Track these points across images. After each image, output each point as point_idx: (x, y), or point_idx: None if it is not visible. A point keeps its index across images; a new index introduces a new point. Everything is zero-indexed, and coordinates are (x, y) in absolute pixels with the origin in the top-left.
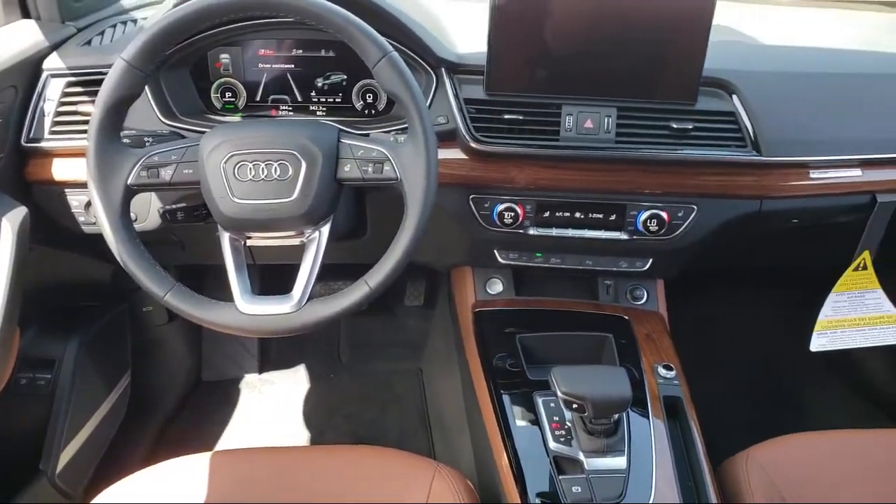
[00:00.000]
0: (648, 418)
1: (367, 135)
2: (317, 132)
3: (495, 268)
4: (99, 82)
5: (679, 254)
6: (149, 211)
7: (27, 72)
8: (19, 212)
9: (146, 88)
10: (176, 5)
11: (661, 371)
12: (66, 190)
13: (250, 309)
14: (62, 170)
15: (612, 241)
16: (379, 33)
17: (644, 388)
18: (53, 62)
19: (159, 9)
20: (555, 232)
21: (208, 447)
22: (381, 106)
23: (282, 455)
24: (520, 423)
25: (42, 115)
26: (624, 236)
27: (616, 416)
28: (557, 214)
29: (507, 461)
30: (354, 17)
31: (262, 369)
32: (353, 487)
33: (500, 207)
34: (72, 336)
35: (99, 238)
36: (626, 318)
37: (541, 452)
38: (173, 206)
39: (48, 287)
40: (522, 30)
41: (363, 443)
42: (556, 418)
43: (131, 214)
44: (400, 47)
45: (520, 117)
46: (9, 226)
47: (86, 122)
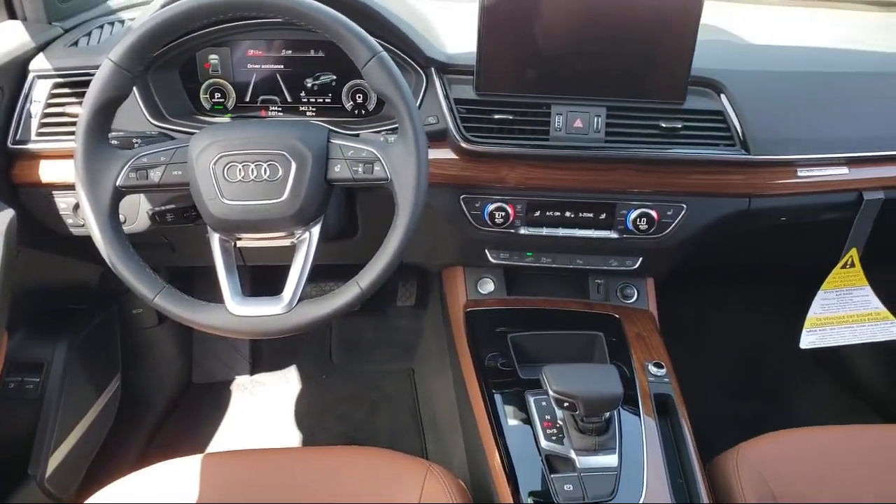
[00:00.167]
0: (639, 416)
1: (357, 135)
2: (306, 132)
3: (486, 267)
4: (86, 83)
5: (669, 252)
6: (138, 213)
7: (13, 73)
8: (6, 214)
9: (134, 89)
10: (164, 6)
11: (652, 369)
12: (54, 192)
13: (241, 310)
14: (49, 172)
15: (603, 240)
16: (368, 33)
17: (635, 385)
18: (40, 63)
19: (147, 9)
20: (545, 231)
21: (199, 449)
22: (371, 106)
23: (273, 456)
24: (512, 422)
25: (29, 116)
26: (614, 235)
27: (607, 414)
28: (548, 214)
29: (500, 460)
30: (344, 18)
31: (253, 371)
32: (344, 488)
33: (491, 207)
34: (60, 339)
35: (87, 240)
36: (616, 316)
37: (533, 451)
38: (162, 208)
39: (36, 290)
40: (512, 30)
41: (355, 443)
42: (548, 417)
43: (120, 216)
44: (389, 47)
45: (510, 117)
46: None
47: (73, 124)
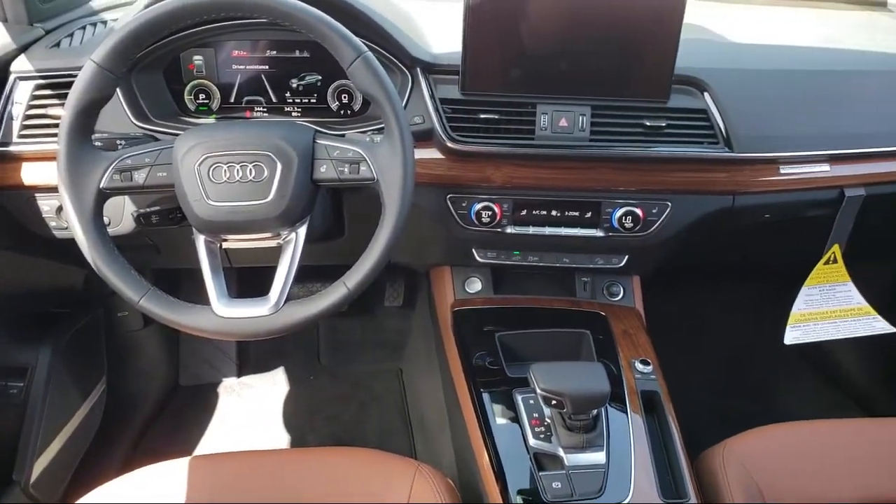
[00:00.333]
0: (626, 413)
1: (343, 135)
2: (292, 133)
3: (474, 267)
4: (69, 85)
5: (654, 250)
6: (122, 215)
7: None
8: None
9: (118, 91)
10: (147, 6)
11: (639, 366)
12: (37, 194)
13: (227, 312)
14: (32, 174)
15: (589, 238)
16: (353, 34)
17: (622, 383)
18: (21, 65)
19: (130, 10)
20: (532, 230)
21: (187, 453)
22: (356, 106)
23: (261, 458)
24: (500, 420)
25: (10, 118)
26: (600, 233)
27: (595, 412)
28: (534, 213)
29: (488, 459)
30: (328, 18)
31: (240, 373)
32: (333, 489)
33: (478, 206)
34: (44, 343)
35: (71, 243)
36: (603, 314)
37: (521, 449)
38: (147, 210)
39: (19, 293)
40: (497, 30)
41: (344, 444)
42: (536, 415)
43: (104, 218)
44: (374, 47)
45: (495, 117)
46: None
47: (56, 126)
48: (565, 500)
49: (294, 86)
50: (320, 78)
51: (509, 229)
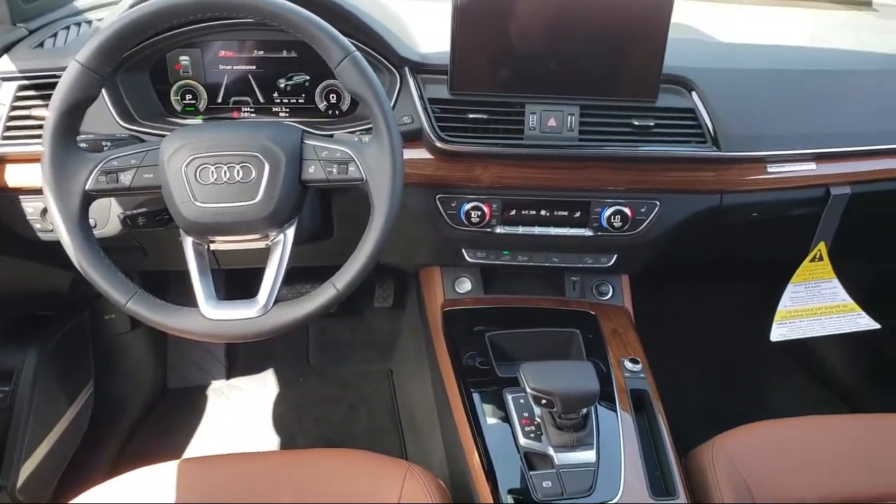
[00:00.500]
0: (616, 411)
1: (331, 135)
2: (279, 133)
3: (463, 267)
4: (53, 86)
5: (643, 249)
6: (108, 217)
7: None
8: None
9: (103, 91)
10: (132, 6)
11: (628, 365)
12: (21, 197)
13: (215, 314)
14: (16, 176)
15: (578, 237)
16: (341, 33)
17: (611, 381)
18: (4, 65)
19: (114, 10)
20: (521, 230)
21: (175, 456)
22: (344, 106)
23: (251, 460)
24: (490, 420)
25: None
26: (589, 233)
27: (584, 411)
28: (523, 213)
29: (479, 459)
30: (316, 18)
31: (229, 375)
32: (324, 490)
33: (467, 206)
34: (30, 346)
35: (57, 245)
36: (592, 313)
37: (511, 449)
38: (134, 212)
39: (4, 296)
40: (485, 30)
41: (334, 445)
42: (526, 414)
43: (90, 221)
44: (362, 47)
45: (484, 116)
46: None
47: (40, 127)
48: (556, 499)
49: (282, 86)
50: (308, 78)
51: (499, 229)
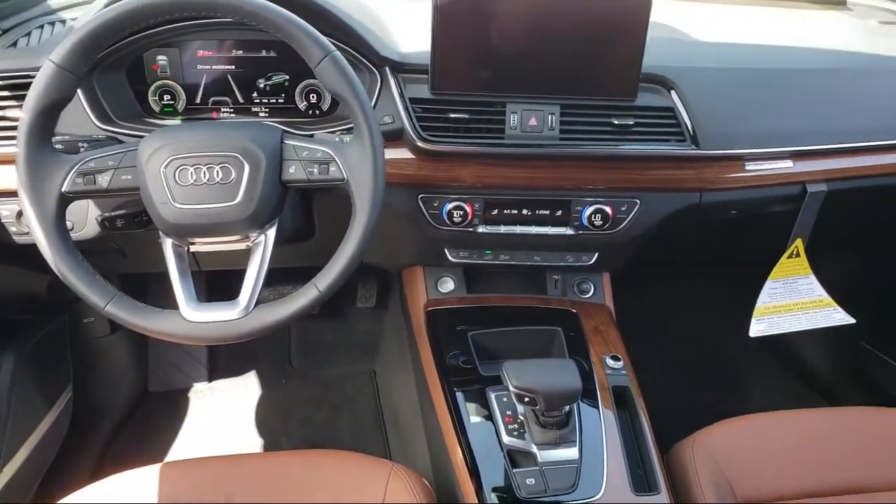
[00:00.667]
0: (598, 408)
1: (312, 135)
2: (259, 133)
3: (446, 266)
4: (27, 86)
5: (623, 247)
6: (86, 219)
7: None
8: None
9: (79, 92)
10: (107, 5)
11: (609, 362)
12: None
13: (196, 316)
14: None
15: (559, 236)
16: (320, 33)
17: (593, 378)
18: None
19: (88, 9)
20: (503, 229)
21: (157, 460)
22: (325, 106)
23: (234, 463)
24: (474, 419)
25: None
26: (570, 231)
27: (567, 408)
28: (505, 212)
29: (462, 457)
30: (295, 17)
31: (211, 377)
32: (308, 492)
33: (449, 206)
34: (7, 350)
35: (33, 249)
36: (574, 311)
37: (495, 447)
38: (112, 214)
39: None
40: (465, 30)
41: (317, 447)
42: (509, 412)
43: (67, 223)
44: (342, 46)
45: (465, 116)
46: None
47: (14, 128)
48: (539, 496)
49: (261, 86)
50: (288, 78)
51: (481, 228)
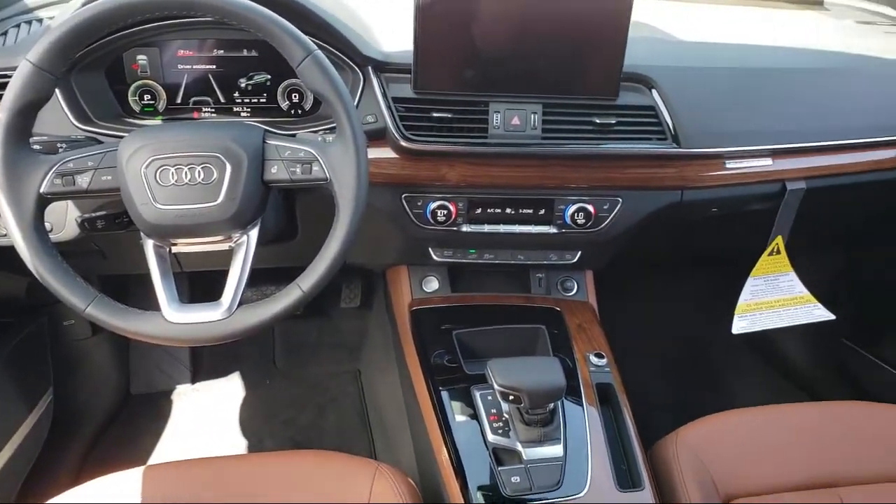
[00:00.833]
0: (582, 406)
1: (294, 135)
2: (241, 133)
3: (430, 266)
4: (3, 86)
5: (606, 245)
6: (65, 220)
7: None
8: None
9: (57, 92)
10: (84, 4)
11: (593, 359)
12: None
13: (178, 318)
14: None
15: (542, 235)
16: (302, 32)
17: (577, 376)
18: None
19: (66, 8)
20: (487, 228)
21: (140, 462)
22: (307, 105)
23: (218, 465)
24: (459, 417)
25: None
26: (553, 230)
27: (551, 406)
28: (489, 211)
29: (447, 456)
30: (276, 17)
31: (194, 379)
32: (293, 492)
33: (433, 205)
34: None
35: (11, 251)
36: (557, 309)
37: (480, 445)
38: (92, 215)
39: None
40: (448, 29)
41: (302, 447)
42: (494, 411)
43: (46, 224)
44: (325, 46)
45: (448, 115)
46: None
47: None
48: (524, 494)
49: (243, 85)
50: (269, 77)
51: (465, 227)
